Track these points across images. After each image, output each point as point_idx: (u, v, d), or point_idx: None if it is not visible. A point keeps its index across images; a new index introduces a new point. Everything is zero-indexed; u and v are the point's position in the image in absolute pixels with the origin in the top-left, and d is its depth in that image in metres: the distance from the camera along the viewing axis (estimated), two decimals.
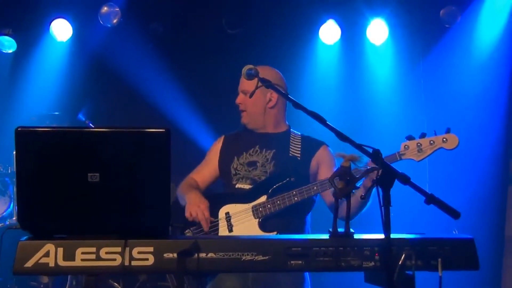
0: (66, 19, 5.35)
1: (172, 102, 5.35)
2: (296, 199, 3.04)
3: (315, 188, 3.03)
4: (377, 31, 5.32)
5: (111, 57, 5.27)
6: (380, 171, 1.99)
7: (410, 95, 5.39)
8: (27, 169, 1.97)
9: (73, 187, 1.97)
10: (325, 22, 5.32)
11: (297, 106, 2.34)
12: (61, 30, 5.36)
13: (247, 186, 3.19)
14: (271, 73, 3.22)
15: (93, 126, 4.63)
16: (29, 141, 1.97)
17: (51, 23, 5.33)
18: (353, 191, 2.14)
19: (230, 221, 3.12)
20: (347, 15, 5.34)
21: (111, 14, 5.34)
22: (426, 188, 2.02)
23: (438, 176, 5.04)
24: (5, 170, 4.93)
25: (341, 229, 2.11)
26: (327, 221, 2.29)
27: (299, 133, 3.34)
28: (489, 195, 5.12)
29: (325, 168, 3.18)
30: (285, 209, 3.06)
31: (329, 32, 5.35)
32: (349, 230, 2.10)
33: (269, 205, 3.08)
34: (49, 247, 1.97)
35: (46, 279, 4.46)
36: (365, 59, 5.51)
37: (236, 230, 3.09)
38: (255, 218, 3.09)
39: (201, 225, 3.04)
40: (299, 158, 3.21)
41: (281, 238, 2.19)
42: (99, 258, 1.97)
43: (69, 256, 1.97)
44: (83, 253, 1.98)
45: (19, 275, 2.03)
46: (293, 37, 5.46)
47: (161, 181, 2.02)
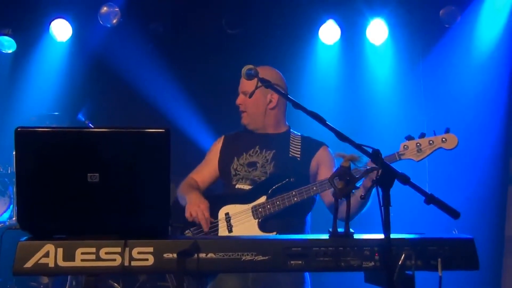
0: (66, 19, 5.34)
1: (172, 102, 5.34)
2: (295, 199, 3.04)
3: (314, 188, 3.03)
4: (377, 31, 5.32)
5: (111, 57, 5.26)
6: (379, 171, 1.99)
7: (410, 95, 5.39)
8: (27, 169, 1.97)
9: (72, 187, 1.97)
10: (325, 22, 5.31)
11: (297, 106, 2.34)
12: (61, 30, 5.36)
13: (247, 186, 3.19)
14: (271, 73, 3.22)
15: (92, 126, 4.62)
16: (28, 141, 1.97)
17: (50, 23, 5.32)
18: (353, 191, 2.14)
19: (229, 221, 3.12)
20: (346, 15, 5.34)
21: (110, 14, 5.34)
22: (426, 188, 2.02)
23: (438, 176, 5.03)
24: (4, 170, 4.92)
25: (341, 229, 2.11)
26: (327, 221, 2.29)
27: (299, 133, 3.34)
28: (489, 195, 5.12)
29: (325, 169, 3.17)
30: (284, 210, 3.06)
31: (329, 32, 5.34)
32: (349, 230, 2.10)
33: (268, 206, 3.08)
34: (49, 247, 1.97)
35: (46, 279, 4.45)
36: (365, 59, 5.51)
37: (236, 231, 3.09)
38: (254, 219, 3.09)
39: (201, 225, 3.04)
40: (299, 159, 3.20)
41: (281, 238, 2.19)
42: (99, 258, 1.97)
43: (69, 256, 1.97)
44: (83, 253, 1.97)
45: (19, 276, 2.02)
46: (293, 37, 5.45)
47: (160, 181, 2.01)
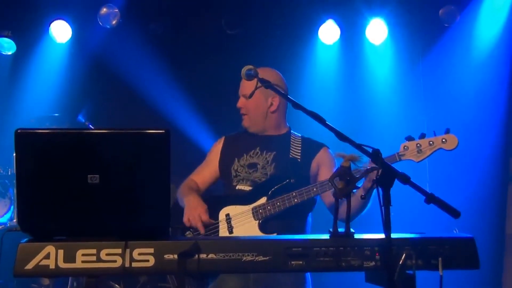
0: (66, 21, 5.34)
1: (172, 103, 5.34)
2: (295, 200, 3.04)
3: (314, 189, 3.03)
4: (377, 30, 5.32)
5: (111, 58, 5.26)
6: (380, 170, 1.99)
7: (410, 94, 5.38)
8: (27, 171, 1.97)
9: (73, 188, 1.97)
10: (324, 22, 5.31)
11: (297, 106, 2.34)
12: (61, 31, 5.35)
13: (247, 187, 3.19)
14: (271, 74, 3.21)
15: (92, 127, 4.62)
16: (29, 142, 1.97)
17: (50, 24, 5.32)
18: (353, 191, 2.14)
19: (230, 222, 3.12)
20: (346, 15, 5.34)
21: (110, 15, 5.34)
22: (426, 188, 2.02)
23: (438, 176, 5.03)
24: (5, 172, 4.92)
25: (341, 229, 2.11)
26: (327, 221, 2.29)
27: (300, 134, 3.34)
28: (489, 194, 5.12)
29: (325, 170, 3.17)
30: (285, 211, 3.06)
31: (329, 32, 5.34)
32: (350, 230, 2.10)
33: (269, 207, 3.08)
34: (50, 249, 1.97)
35: (47, 281, 4.45)
36: (364, 59, 5.50)
37: (236, 232, 3.09)
38: (255, 220, 3.09)
39: None
40: (299, 160, 3.20)
41: (281, 238, 2.19)
42: (99, 260, 1.97)
43: (69, 258, 1.97)
44: (83, 254, 1.97)
45: (19, 277, 2.02)
46: (292, 37, 5.45)
47: (161, 182, 2.01)
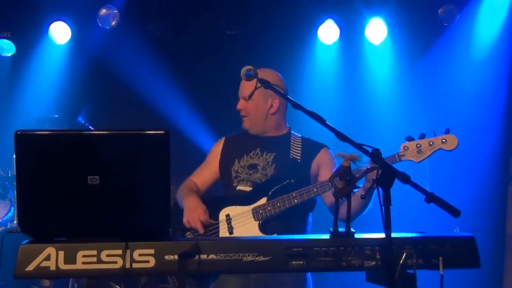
0: (65, 22, 5.33)
1: (171, 104, 5.33)
2: (296, 201, 3.04)
3: (314, 190, 3.03)
4: (376, 30, 5.32)
5: (110, 59, 5.26)
6: (380, 170, 1.99)
7: (410, 94, 5.38)
8: (27, 172, 1.97)
9: (73, 190, 1.97)
10: (323, 22, 5.31)
11: (296, 106, 2.34)
12: (60, 32, 5.35)
13: (247, 188, 3.19)
14: (271, 74, 3.21)
15: (92, 128, 4.62)
16: (28, 144, 1.96)
17: (49, 26, 5.31)
18: (354, 190, 2.14)
19: (230, 223, 3.12)
20: (345, 15, 5.34)
21: (109, 16, 5.34)
22: (426, 188, 2.02)
23: (438, 176, 5.03)
24: (5, 173, 4.92)
25: (341, 229, 2.11)
26: (327, 221, 2.28)
27: (300, 135, 3.34)
28: (490, 193, 5.11)
29: (325, 170, 3.17)
30: (285, 211, 3.06)
31: (328, 32, 5.34)
32: (350, 229, 2.10)
33: (269, 207, 3.08)
34: (50, 250, 1.97)
35: (47, 282, 4.45)
36: (364, 58, 5.50)
37: (237, 232, 3.09)
38: (255, 220, 3.09)
39: None
40: (299, 161, 3.20)
41: (282, 238, 2.19)
42: (100, 261, 1.97)
43: (70, 259, 1.97)
44: (84, 256, 1.97)
45: (20, 279, 2.01)
46: (291, 37, 5.45)
47: (161, 182, 2.01)
